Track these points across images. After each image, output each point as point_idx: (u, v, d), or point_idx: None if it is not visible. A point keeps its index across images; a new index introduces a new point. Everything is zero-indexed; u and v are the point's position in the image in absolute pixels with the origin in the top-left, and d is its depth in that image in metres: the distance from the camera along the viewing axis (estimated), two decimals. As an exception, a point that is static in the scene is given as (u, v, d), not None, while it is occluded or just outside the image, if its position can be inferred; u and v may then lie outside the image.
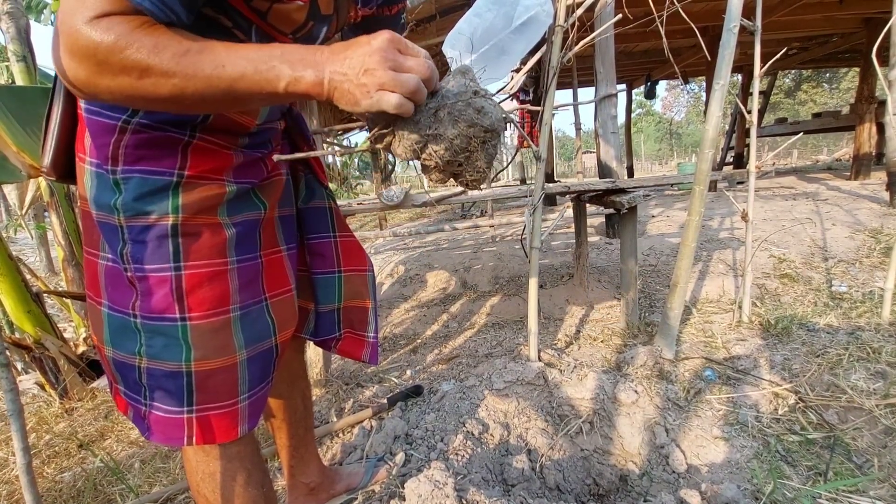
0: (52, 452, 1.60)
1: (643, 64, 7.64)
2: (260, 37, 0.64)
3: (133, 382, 0.69)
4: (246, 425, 0.72)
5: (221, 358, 0.68)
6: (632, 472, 1.32)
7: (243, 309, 0.70)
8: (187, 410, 0.68)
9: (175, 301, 0.65)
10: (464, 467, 1.28)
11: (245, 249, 0.71)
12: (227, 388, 0.70)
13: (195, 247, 0.66)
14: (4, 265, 1.86)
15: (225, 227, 0.68)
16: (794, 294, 2.25)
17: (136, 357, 0.67)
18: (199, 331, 0.66)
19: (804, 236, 3.11)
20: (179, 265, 0.65)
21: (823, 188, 5.24)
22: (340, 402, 1.70)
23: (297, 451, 1.11)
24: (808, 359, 1.52)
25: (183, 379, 0.67)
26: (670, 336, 1.61)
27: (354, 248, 0.94)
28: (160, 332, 0.65)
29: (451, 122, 0.53)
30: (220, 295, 0.67)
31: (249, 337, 0.70)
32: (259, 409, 0.75)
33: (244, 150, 0.72)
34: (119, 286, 0.67)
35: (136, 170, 0.63)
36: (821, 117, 7.58)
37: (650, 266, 2.91)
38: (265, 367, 0.75)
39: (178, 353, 0.66)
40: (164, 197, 0.64)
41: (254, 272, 0.73)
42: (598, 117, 2.45)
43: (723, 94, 1.30)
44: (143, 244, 0.64)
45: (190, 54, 0.47)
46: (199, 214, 0.66)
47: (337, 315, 0.93)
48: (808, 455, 1.16)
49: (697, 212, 1.43)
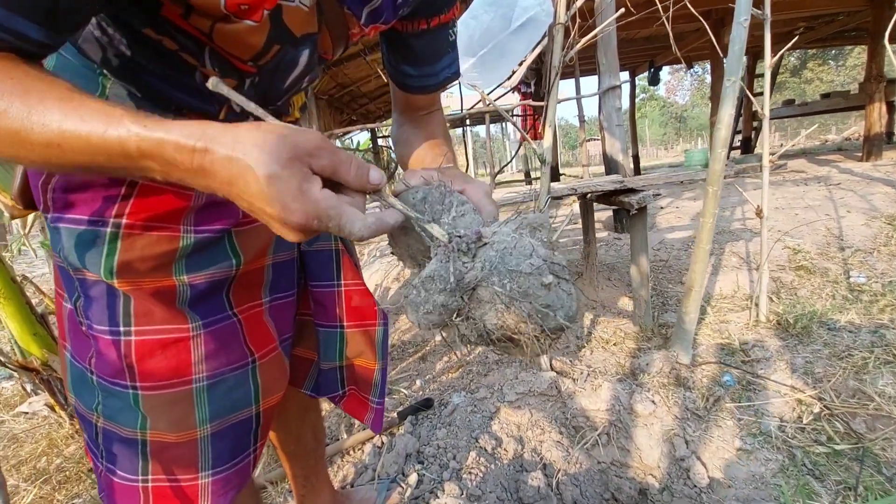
0: (62, 478, 1.59)
1: (646, 50, 7.49)
2: (216, 62, 0.52)
3: (92, 438, 0.62)
4: (209, 502, 0.62)
5: (177, 433, 0.59)
6: (651, 485, 1.29)
7: (212, 378, 0.60)
8: (142, 479, 0.60)
9: (124, 368, 0.56)
10: (478, 486, 1.25)
11: (211, 310, 0.61)
12: (185, 463, 0.61)
13: (145, 311, 0.56)
14: (8, 289, 1.84)
15: (180, 288, 0.57)
16: (810, 287, 2.18)
17: (93, 414, 0.60)
18: (152, 402, 0.58)
19: (818, 225, 3.03)
20: (129, 330, 0.56)
21: (835, 171, 5.12)
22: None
23: (307, 481, 1.08)
24: (832, 362, 1.46)
25: (138, 446, 0.59)
26: (686, 341, 1.57)
27: (362, 298, 0.80)
28: (114, 395, 0.58)
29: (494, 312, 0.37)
30: (178, 366, 0.58)
31: (218, 410, 0.61)
32: (235, 484, 0.65)
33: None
34: (78, 336, 0.60)
35: (65, 218, 0.53)
36: (829, 98, 7.42)
37: (661, 262, 2.85)
38: (240, 440, 0.65)
39: (134, 419, 0.58)
40: (97, 254, 0.53)
41: (229, 333, 0.62)
42: (603, 110, 2.38)
43: (735, 92, 1.24)
44: (91, 300, 0.56)
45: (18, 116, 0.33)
46: (144, 277, 0.55)
47: (340, 372, 0.83)
48: (835, 468, 1.12)
49: (711, 213, 1.37)
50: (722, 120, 1.27)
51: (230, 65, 0.53)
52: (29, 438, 1.91)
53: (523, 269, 0.36)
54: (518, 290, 0.36)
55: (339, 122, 4.02)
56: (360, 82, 4.72)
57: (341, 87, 4.69)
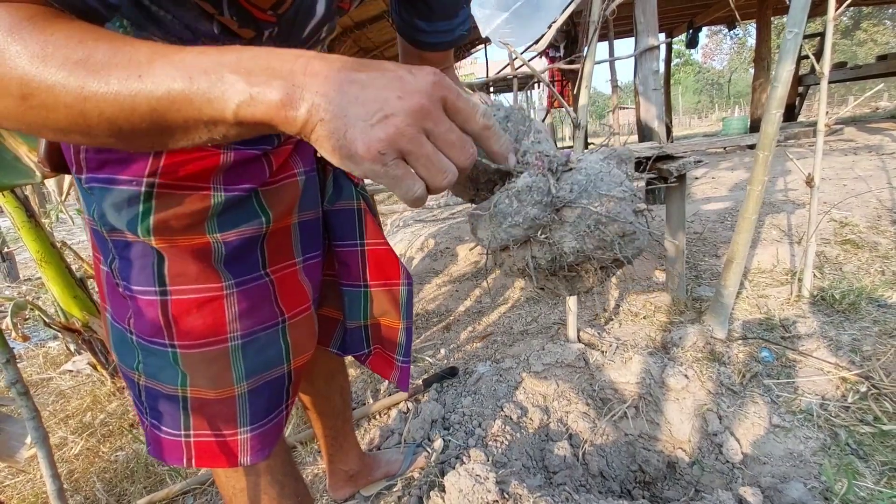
0: (106, 431, 1.68)
1: (685, 10, 7.03)
2: (234, 10, 0.49)
3: (136, 396, 0.65)
4: (248, 456, 0.65)
5: (216, 390, 0.61)
6: (681, 459, 1.26)
7: (246, 337, 0.61)
8: (184, 434, 0.63)
9: (164, 327, 0.58)
10: (503, 454, 1.25)
11: (244, 269, 0.61)
12: (224, 419, 0.63)
13: (181, 270, 0.57)
14: (48, 253, 1.91)
15: (214, 246, 0.58)
16: (858, 262, 2.06)
17: (135, 373, 0.62)
18: (191, 360, 0.59)
19: (869, 196, 2.84)
20: (165, 289, 0.57)
21: (888, 140, 4.77)
22: (376, 383, 1.69)
23: (335, 441, 1.10)
24: (882, 340, 1.38)
25: (179, 402, 0.61)
26: (723, 314, 1.50)
27: (385, 258, 0.80)
28: (153, 354, 0.59)
29: (576, 235, 0.37)
30: (213, 324, 0.59)
31: (253, 367, 0.63)
32: (271, 440, 0.67)
33: (236, 148, 0.57)
34: (117, 297, 0.61)
35: (98, 178, 0.53)
36: (886, 60, 6.84)
37: (695, 234, 2.74)
38: (274, 398, 0.67)
39: (174, 376, 0.60)
40: (132, 212, 0.53)
41: (261, 293, 0.63)
42: (639, 73, 2.24)
43: (797, 45, 1.12)
44: (127, 261, 0.57)
45: (92, 61, 0.30)
46: (179, 235, 0.55)
47: (365, 331, 0.84)
48: (882, 449, 1.06)
49: (760, 181, 1.28)
50: (780, 77, 1.16)
51: (249, 14, 0.50)
52: (74, 395, 2.01)
53: (615, 194, 0.37)
54: (608, 213, 0.36)
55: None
56: (384, 46, 4.60)
57: (364, 52, 4.59)
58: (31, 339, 2.74)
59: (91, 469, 1.47)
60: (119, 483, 1.39)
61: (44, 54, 0.29)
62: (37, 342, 2.75)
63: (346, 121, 0.30)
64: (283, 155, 0.64)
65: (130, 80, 0.30)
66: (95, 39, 0.31)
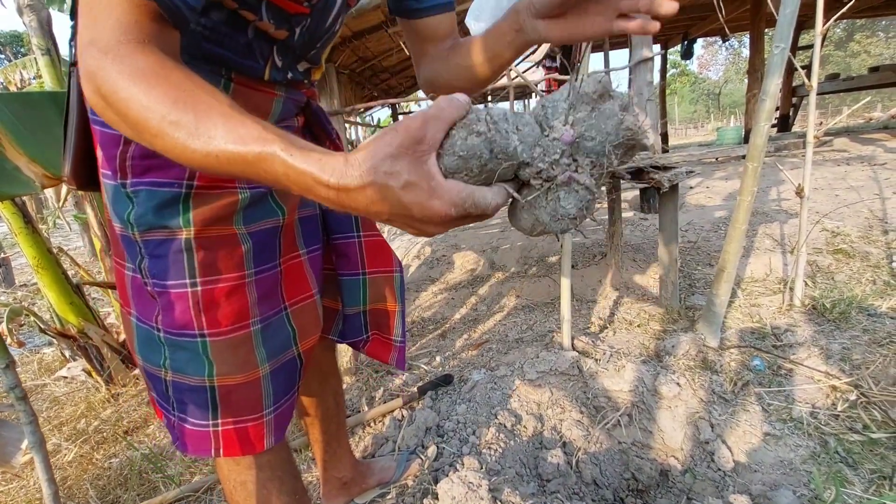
0: (100, 438, 1.68)
1: (680, 21, 7.13)
2: (272, 15, 0.56)
3: (161, 393, 0.68)
4: (272, 438, 0.70)
5: (244, 373, 0.66)
6: (673, 467, 1.27)
7: (263, 321, 0.67)
8: (212, 424, 0.67)
9: (194, 317, 0.62)
10: (497, 462, 1.26)
11: (263, 259, 0.67)
12: (252, 402, 0.68)
13: (212, 261, 0.62)
14: (45, 259, 1.91)
15: (241, 238, 0.64)
16: (849, 271, 2.08)
17: (161, 370, 0.66)
18: (219, 347, 0.64)
19: (861, 206, 2.87)
20: (196, 281, 0.62)
21: (880, 150, 4.83)
22: (371, 391, 1.70)
23: (329, 447, 1.11)
24: (871, 349, 1.40)
25: (207, 393, 0.65)
26: (715, 323, 1.52)
27: (380, 247, 0.88)
28: (182, 347, 0.64)
29: (607, 175, 0.41)
30: (240, 310, 0.64)
31: (271, 350, 0.68)
32: (286, 420, 0.73)
33: None
34: (143, 298, 0.65)
35: (144, 182, 0.59)
36: (879, 71, 6.95)
37: (689, 243, 2.76)
38: (289, 379, 0.72)
39: (201, 368, 0.64)
40: (174, 210, 0.60)
41: (272, 282, 0.69)
42: (634, 84, 2.28)
43: (784, 60, 1.15)
44: (159, 259, 0.61)
45: (182, 124, 0.38)
46: (212, 226, 0.62)
47: (363, 317, 0.90)
48: (871, 457, 1.08)
49: (750, 191, 1.30)
50: (767, 90, 1.19)
51: (284, 13, 0.58)
52: (69, 401, 2.01)
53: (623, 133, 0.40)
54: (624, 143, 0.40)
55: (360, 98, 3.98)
56: (382, 56, 4.64)
57: (363, 62, 4.62)
58: (27, 345, 2.73)
59: (84, 476, 1.47)
60: (112, 490, 1.38)
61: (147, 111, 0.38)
62: (32, 348, 2.74)
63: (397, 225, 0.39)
64: None
65: (208, 157, 0.38)
66: (185, 103, 0.38)
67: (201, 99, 0.38)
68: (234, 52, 0.59)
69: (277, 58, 0.63)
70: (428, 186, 0.36)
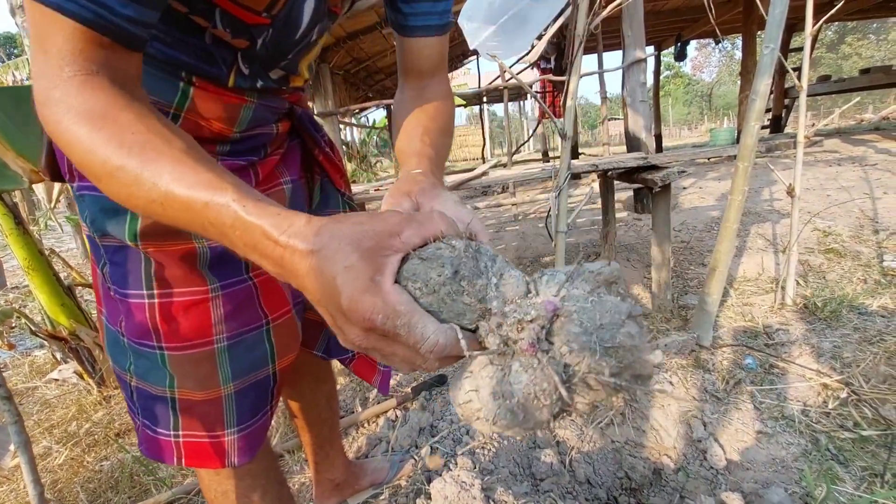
0: (91, 441, 1.66)
1: (673, 23, 7.17)
2: (227, 23, 0.51)
3: (128, 396, 0.66)
4: (235, 457, 0.65)
5: (203, 391, 0.62)
6: (666, 466, 1.27)
7: (232, 339, 0.63)
8: (174, 434, 0.64)
9: (151, 329, 0.59)
10: (490, 462, 1.26)
11: (229, 273, 0.62)
12: (212, 420, 0.64)
13: (168, 274, 0.58)
14: (36, 261, 1.89)
15: (200, 251, 0.59)
16: (840, 271, 2.10)
17: (127, 374, 0.64)
18: (178, 361, 0.61)
19: (852, 206, 2.90)
20: (153, 293, 0.58)
21: (871, 151, 4.88)
22: (365, 391, 1.69)
23: (321, 450, 1.10)
24: (862, 346, 1.41)
25: (168, 403, 0.63)
26: (707, 322, 1.53)
27: None
28: (143, 356, 0.61)
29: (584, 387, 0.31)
30: (200, 326, 0.60)
31: (239, 368, 0.64)
32: (258, 440, 0.68)
33: (224, 158, 0.60)
34: (110, 301, 0.63)
35: (88, 185, 0.55)
36: (869, 73, 7.02)
37: (682, 243, 2.78)
38: (259, 398, 0.68)
39: (162, 378, 0.61)
40: (121, 220, 0.55)
41: (245, 296, 0.64)
42: (627, 85, 2.29)
43: (773, 60, 1.16)
44: (117, 266, 0.59)
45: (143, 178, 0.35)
46: (166, 239, 0.56)
47: None
48: (862, 454, 1.08)
49: (740, 190, 1.31)
50: (758, 90, 1.20)
51: (241, 23, 0.52)
52: (60, 404, 1.99)
53: (623, 343, 0.30)
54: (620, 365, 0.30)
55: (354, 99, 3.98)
56: (377, 57, 4.64)
57: (357, 62, 4.63)
58: (17, 347, 2.71)
59: (75, 479, 1.46)
60: (103, 493, 1.37)
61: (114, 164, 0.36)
62: (22, 351, 2.71)
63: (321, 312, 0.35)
64: (269, 165, 0.66)
65: (152, 204, 0.36)
66: (130, 148, 0.36)
67: (150, 143, 0.36)
68: (191, 58, 0.54)
69: (243, 65, 0.57)
70: (368, 279, 0.31)
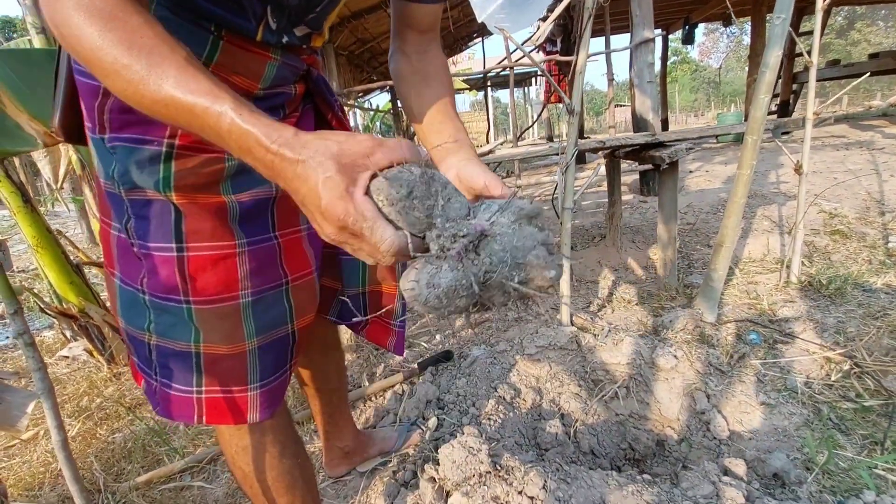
0: (103, 415, 1.69)
1: (682, 6, 7.05)
2: None
3: (144, 358, 0.66)
4: (257, 413, 0.67)
5: (228, 345, 0.63)
6: (670, 437, 1.29)
7: (255, 295, 0.64)
8: (196, 391, 0.65)
9: (179, 283, 0.60)
10: (496, 432, 1.28)
11: (256, 230, 0.64)
12: (236, 375, 0.65)
13: (198, 227, 0.59)
14: (45, 239, 1.91)
15: (230, 205, 0.61)
16: (846, 252, 2.10)
17: (145, 334, 0.64)
18: (204, 315, 0.61)
19: (858, 189, 2.88)
20: (182, 246, 0.59)
21: (879, 136, 4.83)
22: (372, 367, 1.71)
23: (331, 418, 1.12)
24: (866, 321, 1.41)
25: (192, 359, 0.63)
26: (713, 299, 1.53)
27: None
28: (167, 311, 0.62)
29: (501, 293, 0.42)
30: (227, 280, 0.61)
31: (262, 325, 0.65)
32: (277, 397, 0.70)
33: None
34: (128, 259, 0.62)
35: (122, 137, 0.56)
36: (878, 58, 6.90)
37: (688, 225, 2.77)
38: (280, 356, 0.69)
39: (187, 333, 0.62)
40: (154, 171, 0.56)
41: (269, 254, 0.66)
42: (634, 65, 2.27)
43: (784, 31, 1.15)
44: (145, 220, 0.59)
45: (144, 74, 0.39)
46: (198, 192, 0.58)
47: (363, 299, 0.86)
48: (863, 423, 1.10)
49: (749, 164, 1.31)
50: (768, 62, 1.18)
51: None
52: (70, 381, 2.02)
53: (531, 262, 0.41)
54: (527, 277, 0.41)
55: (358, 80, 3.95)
56: (381, 38, 4.59)
57: (361, 43, 4.58)
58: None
59: (88, 450, 1.49)
60: (117, 463, 1.40)
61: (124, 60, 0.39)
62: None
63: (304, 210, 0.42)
64: (290, 124, 0.66)
65: (156, 104, 0.40)
66: (139, 49, 0.39)
67: (157, 48, 0.39)
68: (223, 8, 0.54)
69: (272, 19, 0.59)
70: (344, 189, 0.38)
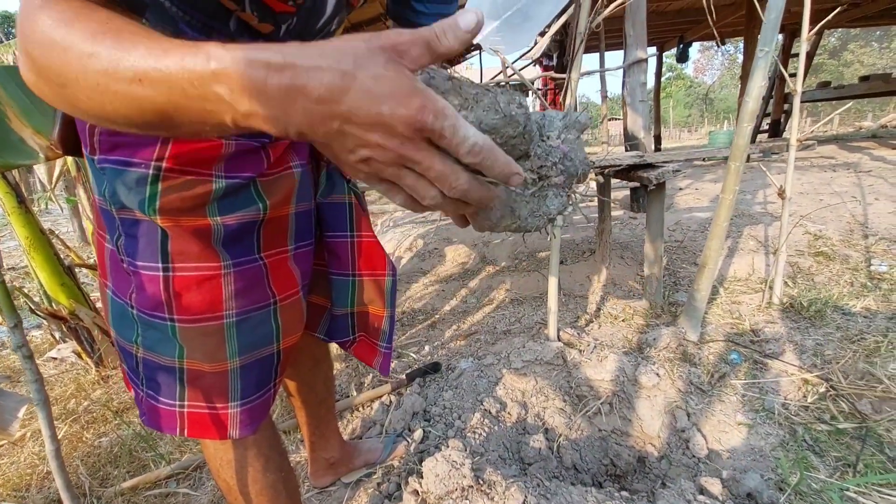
0: (90, 418, 1.69)
1: (676, 24, 7.18)
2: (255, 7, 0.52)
3: (132, 368, 0.68)
4: (237, 430, 0.68)
5: (211, 363, 0.65)
6: (650, 454, 1.32)
7: (240, 315, 0.65)
8: (179, 405, 0.66)
9: (164, 301, 0.61)
10: (481, 445, 1.30)
11: (241, 251, 0.65)
12: (219, 392, 0.67)
13: (183, 248, 0.60)
14: (37, 240, 1.91)
15: (215, 227, 0.61)
16: (829, 273, 2.15)
17: (133, 346, 0.65)
18: (187, 333, 0.63)
19: (843, 211, 2.95)
20: (168, 266, 0.60)
21: (867, 158, 4.94)
22: (360, 377, 1.73)
23: (317, 429, 1.14)
24: (843, 345, 1.45)
25: (176, 374, 0.65)
26: (695, 318, 1.57)
27: (373, 249, 0.84)
28: (153, 327, 0.63)
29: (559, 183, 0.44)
30: (211, 300, 0.63)
31: (246, 344, 0.66)
32: (261, 413, 0.71)
33: (237, 139, 0.61)
34: (119, 273, 0.64)
35: (111, 160, 0.57)
36: (868, 81, 7.07)
37: (676, 242, 2.82)
38: (264, 374, 0.70)
39: (172, 349, 0.64)
40: (140, 192, 0.57)
41: (255, 275, 0.66)
42: (627, 84, 2.32)
43: (767, 63, 1.20)
44: (133, 238, 0.60)
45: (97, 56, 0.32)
46: (182, 215, 0.59)
47: (351, 318, 0.88)
48: (836, 446, 1.13)
49: (731, 190, 1.35)
50: (750, 92, 1.23)
51: (269, 8, 0.54)
52: (58, 382, 2.01)
53: (587, 170, 0.44)
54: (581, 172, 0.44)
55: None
56: (380, 50, 4.65)
57: (360, 54, 4.63)
58: (15, 327, 2.72)
59: (74, 454, 1.49)
60: (102, 467, 1.40)
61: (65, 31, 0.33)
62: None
63: (332, 150, 0.33)
64: (280, 148, 0.68)
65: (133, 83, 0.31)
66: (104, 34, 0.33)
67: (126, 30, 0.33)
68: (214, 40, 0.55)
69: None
70: (408, 82, 0.29)
